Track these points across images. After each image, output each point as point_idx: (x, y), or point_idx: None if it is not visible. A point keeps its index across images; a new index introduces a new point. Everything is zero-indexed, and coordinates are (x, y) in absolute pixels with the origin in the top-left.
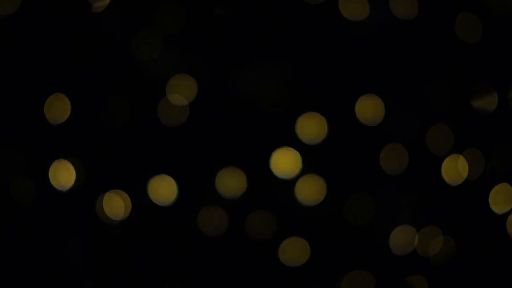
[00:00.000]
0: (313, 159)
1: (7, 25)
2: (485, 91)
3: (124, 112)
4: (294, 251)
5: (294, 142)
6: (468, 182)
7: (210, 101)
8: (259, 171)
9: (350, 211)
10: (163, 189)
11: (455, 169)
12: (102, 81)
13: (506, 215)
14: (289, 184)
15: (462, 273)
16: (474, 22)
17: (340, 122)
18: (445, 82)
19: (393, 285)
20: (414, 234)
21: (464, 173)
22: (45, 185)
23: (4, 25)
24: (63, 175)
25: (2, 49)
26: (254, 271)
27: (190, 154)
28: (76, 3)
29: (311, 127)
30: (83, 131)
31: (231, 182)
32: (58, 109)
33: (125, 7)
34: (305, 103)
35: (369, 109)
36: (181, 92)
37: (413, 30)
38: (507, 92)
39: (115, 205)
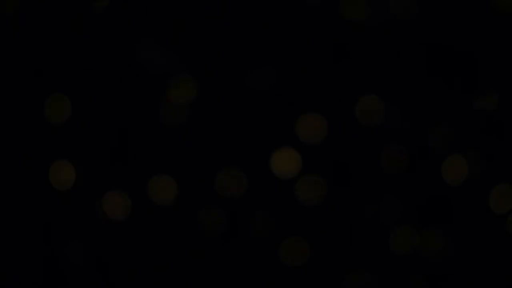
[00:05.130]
0: (313, 159)
1: (7, 25)
2: (485, 91)
3: (124, 112)
4: (294, 251)
5: (294, 142)
6: (468, 182)
7: (210, 101)
8: (259, 171)
9: (350, 211)
10: (163, 189)
11: (455, 169)
12: (102, 81)
13: (506, 215)
14: (289, 184)
15: (462, 273)
16: (474, 22)
17: (340, 122)
18: (445, 82)
19: (393, 285)
20: (414, 234)
21: (464, 173)
22: (45, 185)
23: (4, 25)
24: (63, 175)
25: (2, 49)
26: (254, 271)
27: (190, 154)
28: (76, 3)
29: (311, 127)
30: (83, 131)
31: (231, 182)
32: (58, 109)
33: (125, 7)
34: (305, 103)
35: (369, 109)
36: (181, 92)
37: (413, 30)
38: (507, 92)
39: (115, 205)
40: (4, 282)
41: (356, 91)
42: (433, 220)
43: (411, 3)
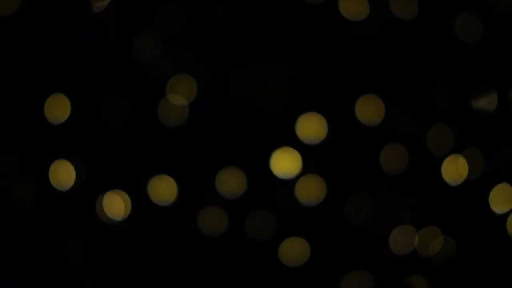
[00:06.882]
0: (313, 159)
1: (7, 25)
2: (485, 91)
3: (124, 112)
4: (294, 251)
5: (294, 142)
6: (468, 182)
7: (210, 101)
8: (259, 171)
9: (350, 211)
10: (163, 189)
11: (455, 169)
12: (102, 81)
13: (506, 215)
14: (289, 184)
15: (462, 273)
16: (474, 22)
17: (340, 122)
18: (445, 82)
19: (393, 285)
20: (414, 234)
21: (464, 173)
22: (45, 185)
23: (4, 25)
24: (63, 175)
25: (2, 49)
26: (254, 271)
27: (190, 154)
28: (76, 3)
29: (311, 127)
30: (83, 131)
31: (231, 182)
32: (58, 109)
33: (125, 7)
34: (305, 103)
35: (369, 109)
36: (181, 92)
37: (413, 30)
38: (507, 92)
39: (115, 205)
40: (4, 282)
41: (356, 91)
42: (433, 220)
43: (411, 3)
